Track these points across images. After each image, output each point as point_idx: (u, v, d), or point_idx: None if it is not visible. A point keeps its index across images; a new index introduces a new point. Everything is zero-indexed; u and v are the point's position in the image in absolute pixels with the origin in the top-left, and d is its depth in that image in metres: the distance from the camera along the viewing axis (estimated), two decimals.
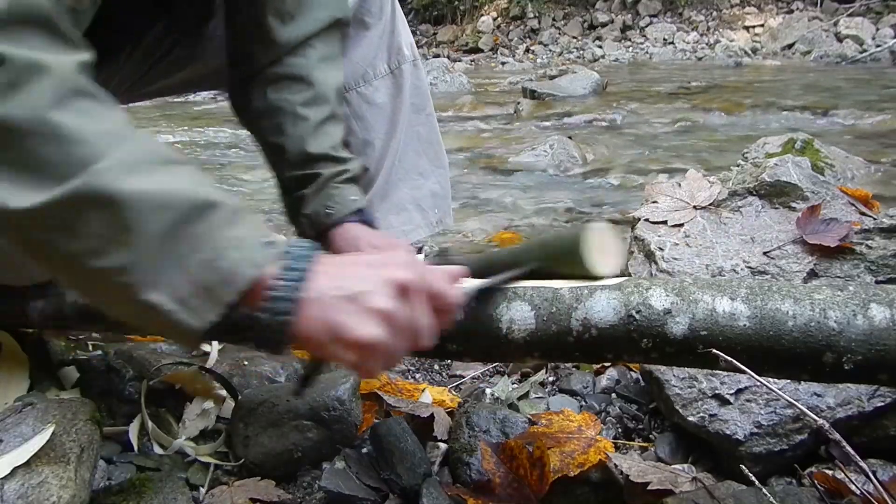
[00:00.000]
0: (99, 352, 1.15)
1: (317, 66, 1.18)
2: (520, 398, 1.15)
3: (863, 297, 0.68)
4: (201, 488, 0.91)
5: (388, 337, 0.63)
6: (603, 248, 0.78)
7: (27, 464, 0.71)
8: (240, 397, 1.03)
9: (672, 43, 10.28)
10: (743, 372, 0.68)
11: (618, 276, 0.78)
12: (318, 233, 1.14)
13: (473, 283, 0.77)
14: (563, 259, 0.79)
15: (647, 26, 10.86)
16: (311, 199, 1.14)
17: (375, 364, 0.65)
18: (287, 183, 1.18)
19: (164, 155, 0.62)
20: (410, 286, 0.65)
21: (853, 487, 0.78)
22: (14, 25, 0.58)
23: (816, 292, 0.70)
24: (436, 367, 1.34)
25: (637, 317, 0.72)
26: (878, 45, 7.89)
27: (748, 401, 0.94)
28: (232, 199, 0.64)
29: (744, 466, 0.80)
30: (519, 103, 5.06)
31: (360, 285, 0.64)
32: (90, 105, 0.60)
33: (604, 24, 11.23)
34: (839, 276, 1.07)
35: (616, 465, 0.90)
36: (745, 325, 0.69)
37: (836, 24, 8.99)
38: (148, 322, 0.63)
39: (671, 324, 0.71)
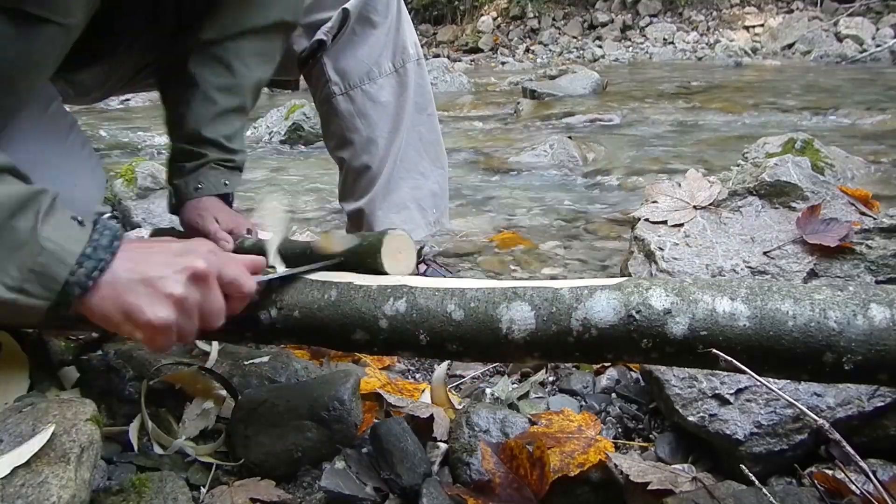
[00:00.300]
0: (99, 352, 1.15)
1: (245, 60, 1.22)
2: (520, 398, 1.15)
3: (863, 298, 0.68)
4: (202, 488, 0.91)
5: (178, 318, 0.72)
6: (398, 253, 0.90)
7: (27, 464, 0.71)
8: (240, 397, 1.03)
9: (672, 43, 10.28)
10: (743, 372, 0.68)
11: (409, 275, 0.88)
12: (180, 202, 1.23)
13: (277, 272, 0.88)
14: (363, 256, 0.91)
15: (647, 26, 10.86)
16: (186, 173, 1.22)
17: (166, 341, 0.74)
18: (174, 150, 1.25)
19: None
20: (206, 274, 0.74)
21: (853, 487, 0.78)
22: None
23: (816, 292, 0.70)
24: (436, 367, 1.34)
25: (637, 317, 0.72)
26: (878, 45, 7.89)
27: (748, 401, 0.94)
28: (45, 188, 0.72)
29: (744, 466, 0.80)
30: (519, 103, 5.06)
31: (156, 270, 0.72)
32: None
33: (604, 24, 11.24)
34: (839, 276, 1.07)
35: (616, 465, 0.90)
36: (745, 326, 0.69)
37: (836, 23, 8.99)
38: None
39: (671, 324, 0.71)
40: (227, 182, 1.24)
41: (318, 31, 1.39)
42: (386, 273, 0.88)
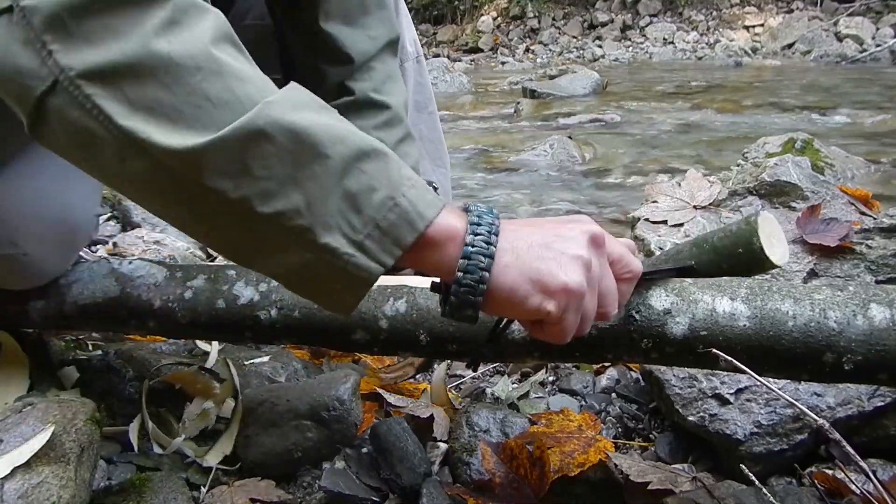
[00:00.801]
0: (99, 352, 1.15)
1: (385, 88, 1.16)
2: (520, 398, 1.15)
3: (863, 298, 0.68)
4: (202, 488, 0.91)
5: (588, 287, 0.60)
6: (771, 237, 0.75)
7: (27, 464, 0.71)
8: (240, 397, 1.03)
9: (672, 42, 10.28)
10: (743, 372, 0.68)
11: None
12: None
13: (654, 269, 0.75)
14: (734, 252, 0.76)
15: (647, 26, 10.86)
16: None
17: (574, 318, 0.60)
18: None
19: (323, 103, 0.59)
20: (603, 239, 0.62)
21: (853, 487, 0.78)
22: None
23: (816, 292, 0.70)
24: (436, 366, 1.34)
25: (637, 317, 0.72)
26: (878, 45, 7.89)
27: (748, 400, 0.94)
28: (393, 152, 0.61)
29: (744, 466, 0.80)
30: (519, 103, 5.06)
31: (554, 234, 0.60)
32: (242, 55, 0.58)
33: (604, 24, 11.24)
34: (839, 276, 1.07)
35: (616, 465, 0.90)
36: (745, 326, 0.69)
37: (836, 23, 8.99)
38: (315, 273, 0.58)
39: (671, 324, 0.71)
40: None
41: None
42: (768, 260, 0.74)
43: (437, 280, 0.63)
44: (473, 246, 0.58)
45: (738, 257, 0.75)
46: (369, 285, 0.58)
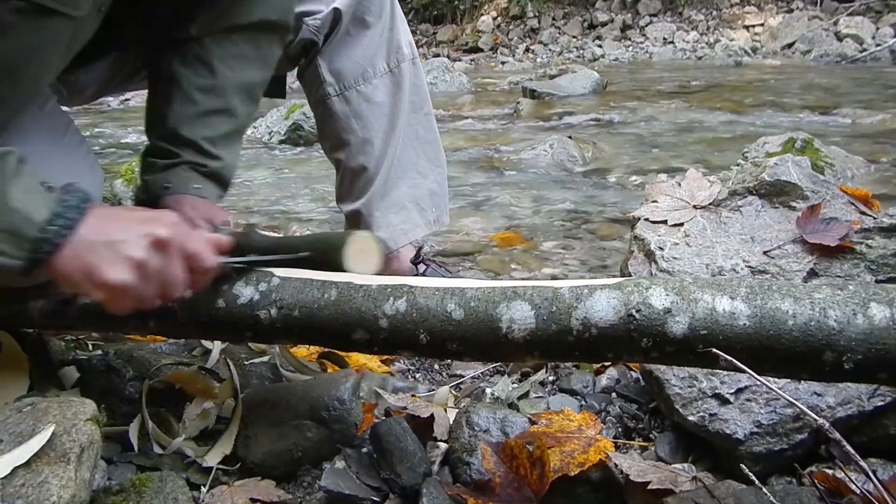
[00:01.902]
0: (99, 352, 1.15)
1: (227, 60, 1.17)
2: (520, 398, 1.15)
3: (863, 297, 0.68)
4: (202, 488, 0.91)
5: (137, 282, 0.76)
6: (363, 252, 0.91)
7: (27, 464, 0.71)
8: (240, 397, 1.03)
9: (672, 42, 10.28)
10: (743, 371, 0.68)
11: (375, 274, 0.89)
12: (150, 198, 1.16)
13: (239, 258, 0.90)
14: (329, 254, 0.91)
15: (646, 26, 10.86)
16: (157, 170, 1.17)
17: (124, 303, 0.78)
18: (149, 147, 1.19)
19: None
20: (168, 242, 0.77)
21: (853, 487, 0.78)
22: None
23: (816, 291, 0.70)
24: (436, 366, 1.34)
25: (637, 316, 0.72)
26: (878, 45, 7.88)
27: (748, 400, 0.94)
28: (11, 150, 0.76)
29: (744, 466, 0.80)
30: (519, 103, 5.06)
31: (120, 234, 0.76)
32: None
33: (604, 24, 11.23)
34: (839, 276, 1.07)
35: (616, 465, 0.90)
36: (745, 325, 0.69)
37: (836, 23, 8.99)
38: None
39: (671, 323, 0.71)
40: (197, 186, 1.16)
41: (307, 30, 1.38)
42: (347, 271, 0.90)
43: None
44: (45, 233, 0.74)
45: (331, 264, 0.90)
46: (18, 272, 0.75)
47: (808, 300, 0.69)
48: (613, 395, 1.16)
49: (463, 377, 1.29)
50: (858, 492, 0.77)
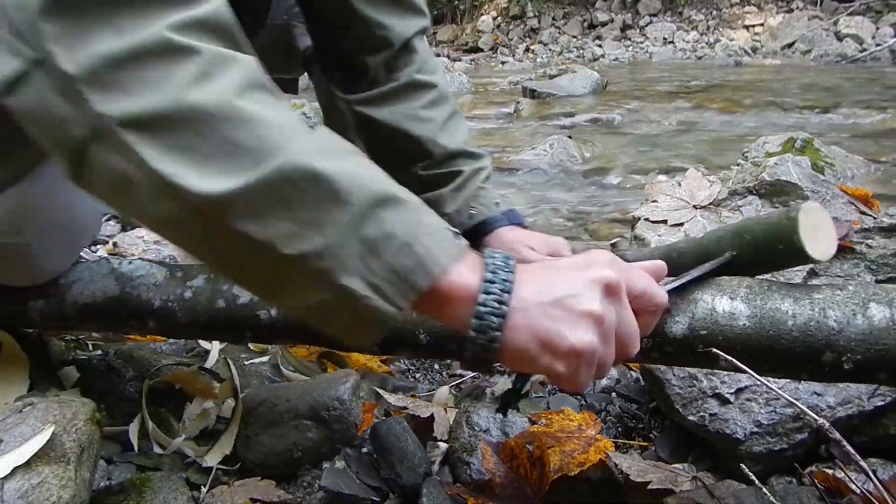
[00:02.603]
0: (99, 352, 1.15)
1: (427, 67, 1.15)
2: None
3: (862, 297, 0.68)
4: (202, 488, 0.91)
5: (601, 342, 0.60)
6: (816, 231, 0.72)
7: (27, 464, 0.71)
8: (240, 397, 1.03)
9: (672, 42, 10.28)
10: (743, 371, 0.68)
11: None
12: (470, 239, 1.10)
13: (683, 276, 0.73)
14: (771, 245, 0.73)
15: (646, 25, 10.86)
16: (451, 198, 1.10)
17: (587, 374, 0.61)
18: (415, 183, 1.12)
19: (349, 147, 0.61)
20: (618, 286, 0.61)
21: (853, 486, 0.78)
22: (206, 30, 0.58)
23: (816, 291, 0.70)
24: (436, 366, 1.34)
25: None
26: (878, 45, 7.89)
27: (748, 400, 0.94)
28: (413, 195, 0.62)
29: (744, 466, 0.80)
30: (519, 103, 5.06)
31: (566, 288, 0.60)
32: (272, 99, 0.59)
33: (604, 24, 11.24)
34: (839, 276, 1.07)
35: (616, 465, 0.90)
36: (744, 325, 0.69)
37: (835, 23, 8.99)
38: (334, 312, 0.60)
39: (671, 323, 0.71)
40: (497, 201, 1.10)
41: None
42: (809, 257, 0.72)
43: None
44: (485, 306, 0.59)
45: (778, 253, 0.73)
46: (385, 325, 0.60)
47: (808, 300, 0.69)
48: (613, 394, 1.16)
49: (463, 377, 1.29)
50: (858, 492, 0.77)
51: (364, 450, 0.97)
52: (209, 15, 0.58)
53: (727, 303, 0.70)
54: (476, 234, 1.09)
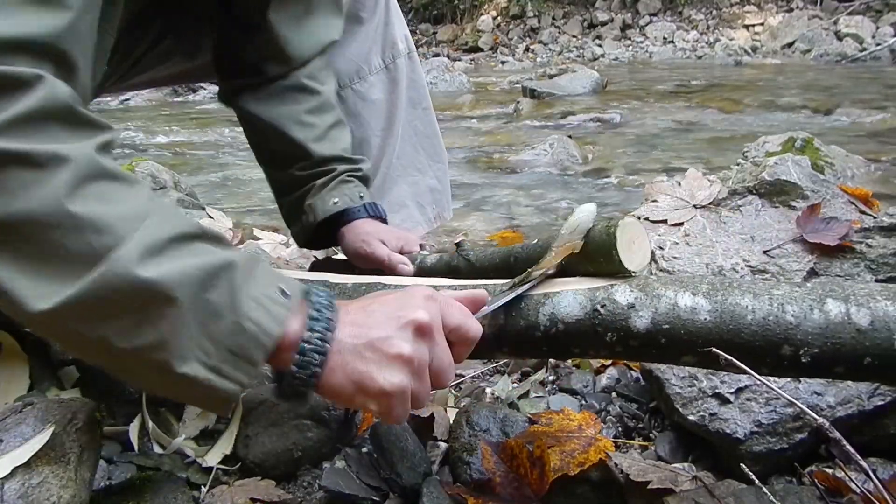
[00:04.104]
0: None
1: (320, 76, 1.19)
2: (520, 397, 1.15)
3: (819, 293, 0.69)
4: (202, 488, 0.91)
5: (411, 381, 0.64)
6: (632, 244, 0.77)
7: (27, 464, 0.71)
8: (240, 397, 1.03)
9: (672, 42, 10.29)
10: (743, 371, 0.68)
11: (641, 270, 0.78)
12: (319, 225, 1.14)
13: (495, 302, 0.76)
14: (592, 256, 0.77)
15: (646, 25, 10.87)
16: (317, 191, 1.14)
17: (402, 409, 0.65)
18: (292, 181, 1.18)
19: (180, 228, 0.62)
20: (429, 327, 0.65)
21: (853, 486, 0.78)
22: (37, 121, 0.57)
23: (775, 288, 0.71)
24: None
25: (602, 311, 0.73)
26: (878, 44, 7.89)
27: (748, 400, 0.94)
28: (244, 254, 0.65)
29: (744, 465, 0.80)
30: (519, 102, 5.06)
31: (380, 331, 0.64)
32: (108, 188, 0.60)
33: (603, 23, 11.24)
34: (839, 275, 1.07)
35: (616, 464, 0.90)
36: (705, 319, 0.70)
37: (835, 22, 9.00)
38: (183, 393, 0.64)
39: (634, 318, 0.72)
40: (362, 195, 1.15)
41: None
42: (627, 271, 0.76)
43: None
44: (309, 343, 0.63)
45: (600, 265, 0.77)
46: (233, 400, 0.63)
47: (767, 296, 0.70)
48: (613, 394, 1.16)
49: (463, 377, 1.29)
50: (858, 491, 0.77)
51: (364, 450, 0.97)
52: (39, 105, 0.57)
53: (689, 298, 0.71)
54: (335, 224, 1.14)
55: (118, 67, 1.23)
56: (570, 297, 0.75)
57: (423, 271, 1.07)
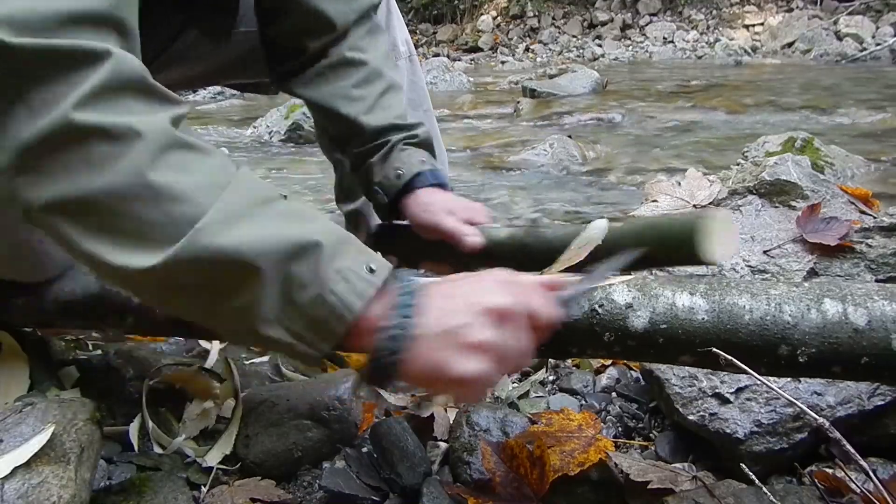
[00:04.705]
0: (99, 351, 1.15)
1: (364, 44, 1.17)
2: (520, 397, 1.15)
3: (817, 293, 0.69)
4: (202, 488, 0.91)
5: (490, 367, 0.64)
6: (719, 236, 0.77)
7: (27, 464, 0.71)
8: (240, 397, 1.03)
9: (672, 42, 10.29)
10: (743, 371, 0.68)
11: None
12: (392, 201, 1.12)
13: (575, 289, 0.74)
14: (674, 246, 0.78)
15: (646, 25, 10.87)
16: (379, 167, 1.12)
17: (479, 392, 0.68)
18: (354, 161, 1.16)
19: (261, 195, 0.63)
20: (509, 312, 0.65)
21: (853, 486, 0.78)
22: (111, 94, 0.58)
23: (773, 287, 0.71)
24: None
25: (600, 311, 0.73)
26: (878, 44, 7.89)
27: (748, 399, 0.94)
28: (333, 229, 0.65)
29: (744, 465, 0.80)
30: (519, 102, 5.06)
31: (459, 318, 0.64)
32: (185, 158, 0.61)
33: (603, 23, 11.24)
34: (839, 275, 1.08)
35: (616, 464, 0.90)
36: (703, 319, 0.70)
37: (836, 22, 9.00)
38: (273, 348, 0.66)
39: (632, 317, 0.72)
40: (423, 160, 1.12)
41: None
42: (709, 262, 0.77)
43: None
44: (395, 328, 0.64)
45: (681, 256, 0.78)
46: (317, 362, 0.66)
47: (765, 296, 0.70)
48: (613, 394, 1.16)
49: None
50: (859, 491, 0.77)
51: (364, 450, 0.97)
52: (112, 77, 0.58)
53: (687, 298, 0.71)
54: (400, 196, 1.11)
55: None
56: None
57: (492, 244, 1.02)
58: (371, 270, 0.64)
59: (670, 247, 0.79)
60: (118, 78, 0.59)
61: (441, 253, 1.06)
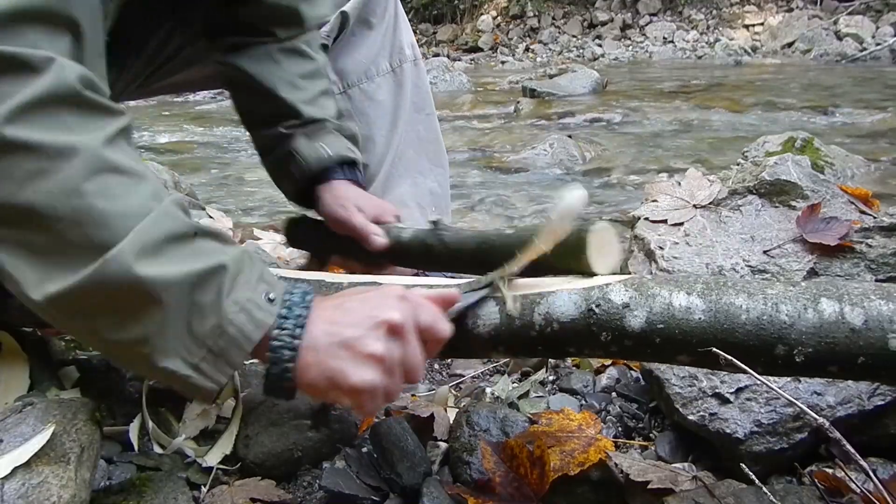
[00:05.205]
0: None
1: (315, 46, 1.20)
2: (520, 397, 1.15)
3: (813, 292, 0.69)
4: (202, 487, 0.91)
5: (382, 378, 0.67)
6: (603, 248, 0.79)
7: (27, 464, 0.71)
8: (240, 397, 1.03)
9: (672, 41, 10.28)
10: (743, 371, 0.68)
11: (614, 274, 0.79)
12: (308, 184, 1.13)
13: (466, 298, 0.78)
14: (563, 255, 0.79)
15: (646, 25, 10.86)
16: (305, 140, 1.12)
17: (374, 404, 0.69)
18: (278, 137, 1.15)
19: (177, 229, 0.64)
20: (402, 326, 0.68)
21: (853, 486, 0.78)
22: (46, 108, 0.58)
23: (770, 287, 0.71)
24: (436, 366, 1.34)
25: (597, 311, 0.73)
26: (878, 44, 7.89)
27: (748, 399, 0.94)
28: (239, 257, 0.67)
29: (744, 465, 0.80)
30: (519, 102, 5.06)
31: (353, 330, 0.67)
32: (113, 182, 0.61)
33: (603, 23, 11.23)
34: (839, 275, 1.07)
35: (616, 464, 0.90)
36: (700, 319, 0.70)
37: (836, 22, 8.99)
38: (166, 382, 0.66)
39: (629, 317, 0.72)
40: (350, 147, 1.15)
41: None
42: (594, 273, 0.78)
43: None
44: (278, 340, 0.66)
45: (570, 266, 0.80)
46: (211, 397, 0.67)
47: (762, 296, 0.70)
48: (613, 394, 1.16)
49: (463, 377, 1.29)
50: (858, 491, 0.77)
51: (364, 449, 0.97)
52: (48, 91, 0.57)
53: (684, 297, 0.71)
54: (315, 181, 1.13)
55: (135, 69, 1.23)
56: (564, 297, 0.75)
57: (397, 244, 1.07)
58: (270, 300, 0.67)
59: (560, 256, 0.79)
60: (55, 91, 0.58)
61: (351, 249, 1.10)
